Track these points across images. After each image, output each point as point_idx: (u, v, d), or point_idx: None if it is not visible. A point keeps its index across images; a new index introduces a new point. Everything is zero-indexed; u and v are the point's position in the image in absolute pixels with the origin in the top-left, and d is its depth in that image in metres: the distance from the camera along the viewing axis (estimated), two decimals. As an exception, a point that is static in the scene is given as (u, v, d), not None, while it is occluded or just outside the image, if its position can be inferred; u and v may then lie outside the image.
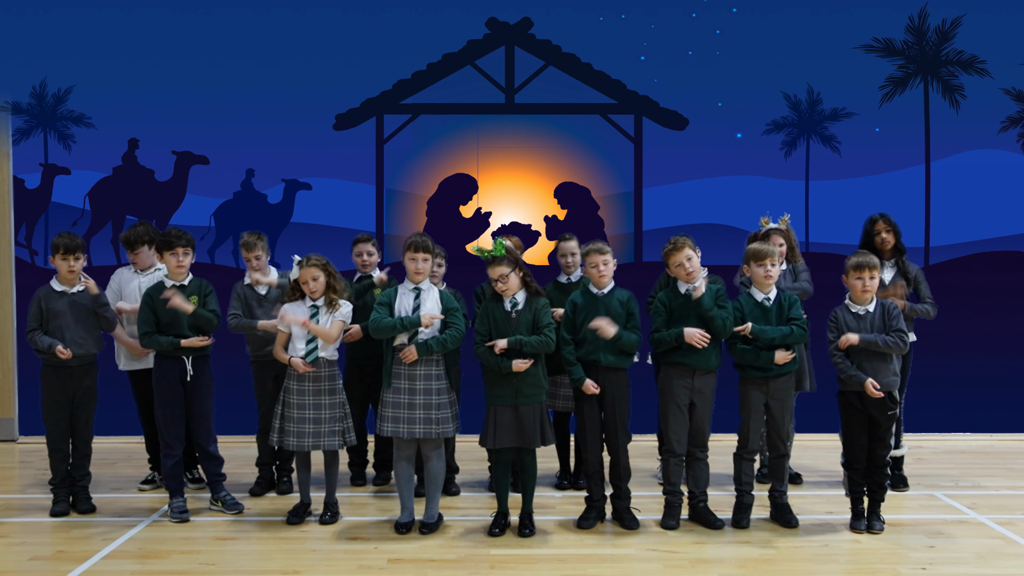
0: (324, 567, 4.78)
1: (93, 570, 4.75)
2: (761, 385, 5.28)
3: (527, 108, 8.04)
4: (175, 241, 5.48)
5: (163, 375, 5.52)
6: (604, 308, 5.25)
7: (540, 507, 5.62)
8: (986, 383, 7.83)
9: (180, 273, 5.52)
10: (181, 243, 5.49)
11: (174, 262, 5.49)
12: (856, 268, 5.21)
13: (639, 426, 5.92)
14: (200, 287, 5.59)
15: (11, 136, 7.92)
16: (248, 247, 6.01)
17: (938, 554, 4.92)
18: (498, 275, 5.14)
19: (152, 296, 5.50)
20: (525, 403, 5.12)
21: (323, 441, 5.36)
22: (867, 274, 5.18)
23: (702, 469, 5.37)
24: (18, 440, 7.88)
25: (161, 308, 5.46)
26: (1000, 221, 7.95)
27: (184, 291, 5.49)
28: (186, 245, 5.51)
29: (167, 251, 5.49)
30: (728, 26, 7.92)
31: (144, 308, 5.51)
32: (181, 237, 5.50)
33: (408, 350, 5.13)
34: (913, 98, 7.94)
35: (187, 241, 5.52)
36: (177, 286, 5.50)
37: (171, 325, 5.47)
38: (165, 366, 5.52)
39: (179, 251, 5.48)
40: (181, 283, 5.53)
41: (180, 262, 5.49)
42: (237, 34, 7.87)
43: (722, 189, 7.94)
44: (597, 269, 5.28)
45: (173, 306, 5.40)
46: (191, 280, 5.58)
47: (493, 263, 5.16)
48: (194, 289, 5.56)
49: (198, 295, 5.55)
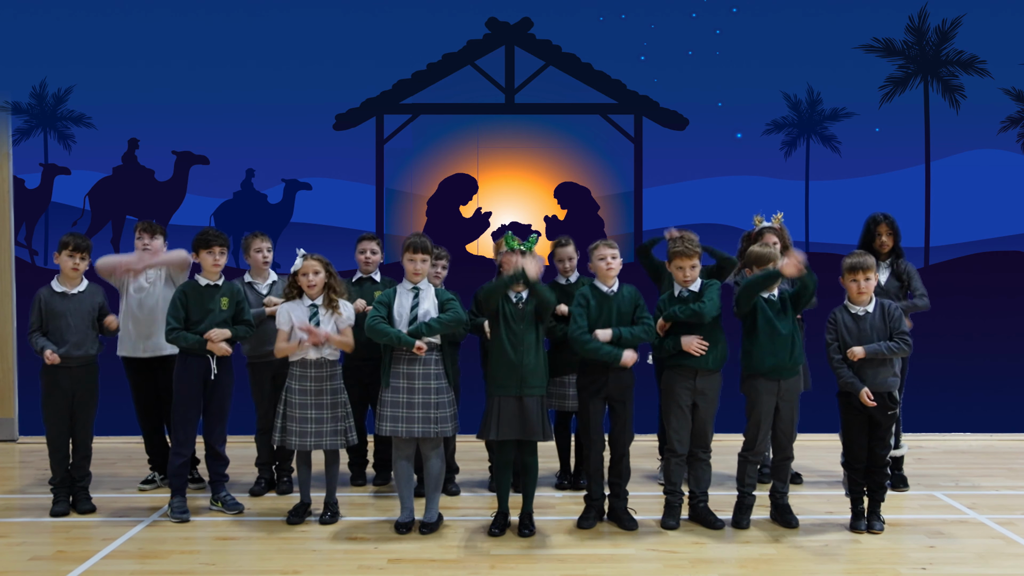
0: (324, 567, 4.78)
1: (93, 570, 4.75)
2: (772, 387, 5.26)
3: (527, 108, 8.04)
4: (213, 240, 5.50)
5: (186, 372, 5.51)
6: (616, 306, 5.26)
7: (540, 507, 5.62)
8: (986, 383, 7.83)
9: (215, 273, 5.54)
10: (219, 242, 5.51)
11: (211, 261, 5.50)
12: (851, 270, 5.20)
13: (639, 426, 5.92)
14: (232, 291, 5.60)
15: (11, 136, 7.92)
16: (247, 244, 6.09)
17: (938, 554, 4.92)
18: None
19: (186, 292, 5.50)
20: (530, 394, 5.12)
21: (324, 440, 5.36)
22: (862, 276, 5.17)
23: (704, 470, 5.37)
24: (18, 440, 7.88)
25: (193, 305, 5.47)
26: (1000, 221, 7.95)
27: (216, 291, 5.52)
28: (223, 245, 5.53)
29: (204, 250, 5.51)
30: (728, 26, 7.92)
31: (175, 304, 5.50)
32: (219, 236, 5.53)
33: (420, 345, 5.14)
34: (913, 98, 7.94)
35: (223, 241, 5.54)
36: (211, 285, 5.52)
37: (200, 323, 5.48)
38: (189, 363, 5.51)
39: (216, 250, 5.50)
40: (215, 283, 5.54)
41: (216, 261, 5.51)
42: (237, 34, 7.87)
43: (722, 189, 7.94)
44: (605, 262, 5.28)
45: (212, 348, 5.45)
46: (224, 282, 5.60)
47: (525, 255, 5.18)
48: (226, 291, 5.57)
49: (229, 297, 5.56)
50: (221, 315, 5.53)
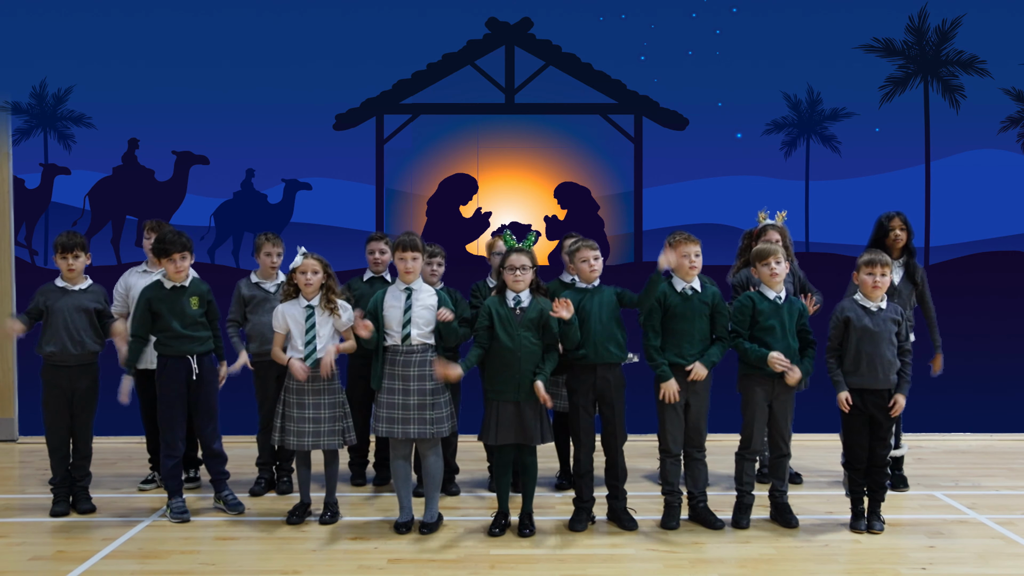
0: (324, 567, 4.78)
1: (93, 570, 4.75)
2: (766, 385, 5.28)
3: (527, 108, 8.04)
4: (170, 248, 5.44)
5: (168, 375, 5.51)
6: (599, 300, 5.24)
7: (540, 507, 5.62)
8: (986, 383, 7.82)
9: (180, 277, 5.52)
10: (176, 248, 5.45)
11: (172, 269, 5.47)
12: (868, 264, 5.20)
13: (638, 426, 5.92)
14: (200, 291, 5.59)
15: (11, 136, 7.92)
16: (258, 246, 6.11)
17: (938, 554, 4.92)
18: (520, 264, 5.14)
19: (150, 299, 5.49)
20: (527, 399, 5.12)
21: (323, 440, 5.36)
22: (879, 270, 5.18)
23: (700, 469, 5.37)
24: (18, 440, 7.88)
25: (162, 309, 5.46)
26: (1000, 221, 7.95)
27: (183, 292, 5.51)
28: (181, 250, 5.47)
29: (164, 259, 5.48)
30: (728, 26, 7.92)
31: (141, 311, 5.49)
32: (175, 243, 5.45)
33: (441, 363, 5.15)
34: (913, 98, 7.93)
35: (181, 246, 5.47)
36: (178, 287, 5.51)
37: (171, 325, 5.46)
38: (170, 366, 5.51)
39: (175, 257, 5.45)
40: (182, 284, 5.53)
41: (178, 268, 5.48)
42: (237, 34, 7.87)
43: (722, 189, 7.94)
44: (588, 264, 5.26)
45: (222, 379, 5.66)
46: (192, 280, 5.59)
47: (520, 253, 5.17)
48: (194, 290, 5.56)
49: (199, 296, 5.56)
50: (193, 314, 5.52)
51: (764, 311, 5.23)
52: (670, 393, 5.17)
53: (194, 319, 5.52)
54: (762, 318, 5.22)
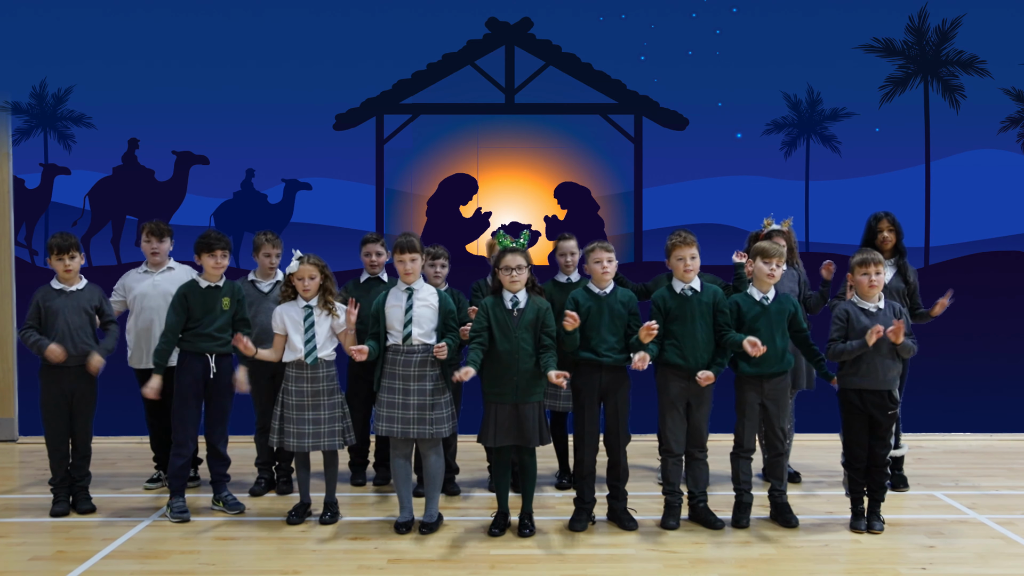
0: (324, 567, 4.78)
1: (93, 570, 4.75)
2: (756, 385, 5.28)
3: (527, 108, 8.04)
4: (215, 244, 5.49)
5: (186, 372, 5.52)
6: (608, 308, 5.25)
7: (540, 507, 5.63)
8: (986, 383, 7.82)
9: (216, 275, 5.55)
10: (220, 245, 5.51)
11: (212, 263, 5.50)
12: (862, 264, 5.20)
13: (639, 426, 5.92)
14: (232, 291, 5.61)
15: (11, 136, 7.92)
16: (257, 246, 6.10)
17: (938, 554, 4.92)
18: (516, 264, 5.13)
19: (186, 295, 5.51)
20: (525, 401, 5.12)
21: (323, 441, 5.36)
22: (872, 269, 5.18)
23: (701, 469, 5.37)
24: (18, 440, 7.88)
25: (195, 307, 5.48)
26: (1000, 221, 7.95)
27: (218, 292, 5.53)
28: (224, 248, 5.53)
29: (206, 253, 5.50)
30: (728, 26, 7.92)
31: (175, 307, 5.51)
32: (220, 240, 5.52)
33: (440, 348, 5.13)
34: (913, 98, 7.93)
35: (226, 244, 5.54)
36: (212, 287, 5.53)
37: (201, 324, 5.48)
38: (189, 363, 5.52)
39: (218, 253, 5.50)
40: (216, 284, 5.54)
41: (218, 264, 5.51)
42: (237, 34, 7.87)
43: (722, 189, 7.94)
44: (601, 265, 5.26)
45: (240, 388, 5.57)
46: (225, 282, 5.60)
47: (515, 253, 5.17)
48: (227, 291, 5.58)
49: (230, 297, 5.58)
50: (224, 315, 5.54)
51: (750, 313, 5.26)
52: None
53: (222, 320, 5.54)
54: (748, 319, 5.25)
